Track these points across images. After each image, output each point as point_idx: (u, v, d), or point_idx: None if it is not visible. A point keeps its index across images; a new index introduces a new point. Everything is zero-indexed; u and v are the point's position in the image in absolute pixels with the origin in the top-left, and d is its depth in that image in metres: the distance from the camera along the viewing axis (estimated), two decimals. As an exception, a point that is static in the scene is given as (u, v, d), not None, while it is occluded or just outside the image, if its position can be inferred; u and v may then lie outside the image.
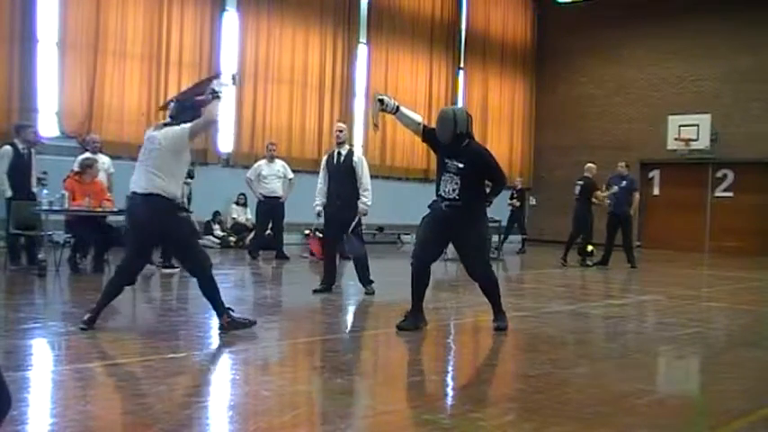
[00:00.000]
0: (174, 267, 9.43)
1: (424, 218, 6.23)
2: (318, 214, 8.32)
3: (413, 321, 6.03)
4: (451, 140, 5.96)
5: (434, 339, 6.23)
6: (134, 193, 5.65)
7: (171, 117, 5.79)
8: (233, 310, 5.74)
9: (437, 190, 6.09)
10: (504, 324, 6.17)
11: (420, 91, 18.98)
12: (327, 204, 8.22)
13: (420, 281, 6.07)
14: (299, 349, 5.53)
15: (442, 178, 6.03)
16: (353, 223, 8.06)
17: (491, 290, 6.19)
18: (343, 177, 8.10)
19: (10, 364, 4.48)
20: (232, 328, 5.58)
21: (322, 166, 8.37)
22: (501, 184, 6.22)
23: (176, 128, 5.68)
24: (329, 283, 8.15)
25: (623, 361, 5.43)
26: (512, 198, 17.27)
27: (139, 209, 5.61)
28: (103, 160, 10.31)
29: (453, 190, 5.94)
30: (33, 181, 9.69)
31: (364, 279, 8.18)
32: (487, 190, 6.19)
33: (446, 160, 6.01)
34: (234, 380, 4.48)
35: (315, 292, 8.06)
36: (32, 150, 9.73)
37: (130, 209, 5.76)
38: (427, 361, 5.50)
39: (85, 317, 5.50)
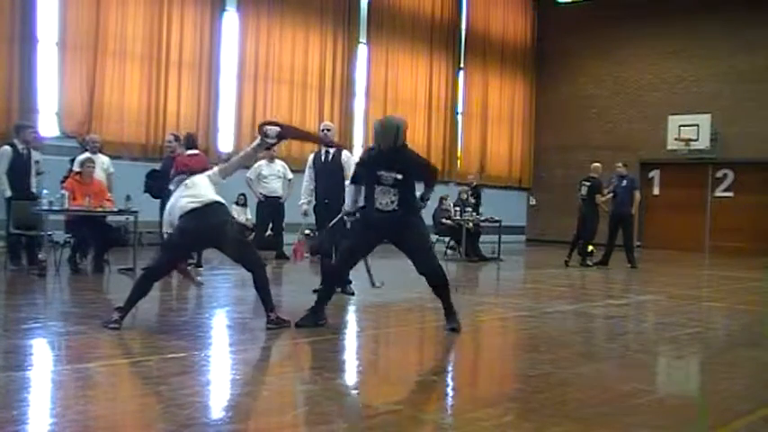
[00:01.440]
0: (188, 266, 9.53)
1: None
2: (305, 213, 8.28)
3: (313, 318, 6.01)
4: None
5: (434, 339, 6.22)
6: (197, 207, 5.79)
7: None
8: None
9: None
10: (457, 325, 6.01)
11: (420, 91, 18.98)
12: (316, 203, 8.19)
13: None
14: (299, 349, 5.53)
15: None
16: (335, 219, 7.99)
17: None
18: (330, 176, 8.04)
19: (10, 364, 4.48)
20: (278, 324, 5.77)
21: (308, 165, 8.29)
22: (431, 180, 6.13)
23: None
24: (342, 282, 8.11)
25: (623, 361, 5.43)
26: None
27: (213, 216, 5.83)
28: (102, 160, 10.30)
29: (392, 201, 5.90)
30: (33, 181, 9.67)
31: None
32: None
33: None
34: (234, 380, 4.48)
35: (315, 291, 8.04)
36: (32, 150, 9.72)
37: (201, 218, 5.81)
38: (427, 361, 5.50)
39: (114, 318, 5.58)
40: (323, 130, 8.30)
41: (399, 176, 5.81)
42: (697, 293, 10.21)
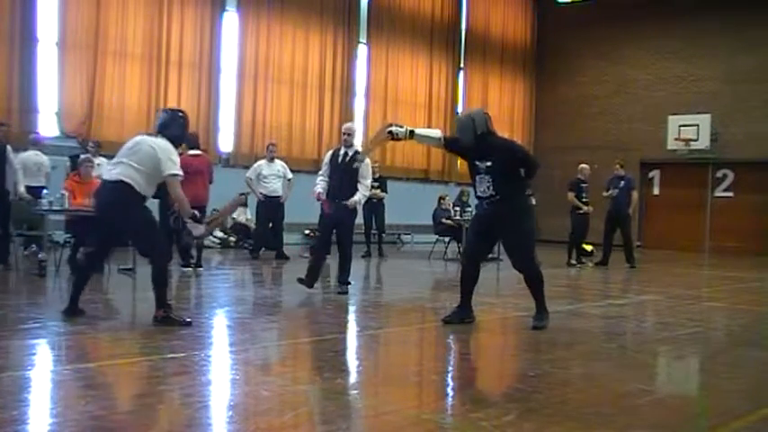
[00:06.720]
0: (189, 267, 9.52)
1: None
2: (318, 197, 8.14)
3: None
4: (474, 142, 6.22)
5: (434, 339, 6.22)
6: (104, 181, 5.99)
7: (160, 126, 5.94)
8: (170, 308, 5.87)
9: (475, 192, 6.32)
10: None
11: (420, 91, 18.98)
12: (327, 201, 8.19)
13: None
14: (299, 349, 5.53)
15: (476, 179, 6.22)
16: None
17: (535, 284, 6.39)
18: (343, 177, 8.03)
19: (10, 364, 4.48)
20: (165, 323, 5.70)
21: (325, 161, 8.30)
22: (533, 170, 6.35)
23: (169, 149, 5.85)
24: (313, 279, 8.08)
25: (623, 361, 5.43)
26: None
27: (103, 195, 5.90)
28: (100, 161, 10.28)
29: (488, 188, 6.14)
30: (17, 177, 9.43)
31: (342, 277, 8.15)
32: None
33: (476, 162, 6.22)
34: (234, 380, 4.48)
35: (299, 280, 8.08)
36: (6, 147, 9.42)
37: (97, 196, 6.05)
38: (427, 361, 5.50)
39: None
40: (344, 134, 8.28)
41: (489, 163, 6.28)
42: (697, 293, 10.20)
